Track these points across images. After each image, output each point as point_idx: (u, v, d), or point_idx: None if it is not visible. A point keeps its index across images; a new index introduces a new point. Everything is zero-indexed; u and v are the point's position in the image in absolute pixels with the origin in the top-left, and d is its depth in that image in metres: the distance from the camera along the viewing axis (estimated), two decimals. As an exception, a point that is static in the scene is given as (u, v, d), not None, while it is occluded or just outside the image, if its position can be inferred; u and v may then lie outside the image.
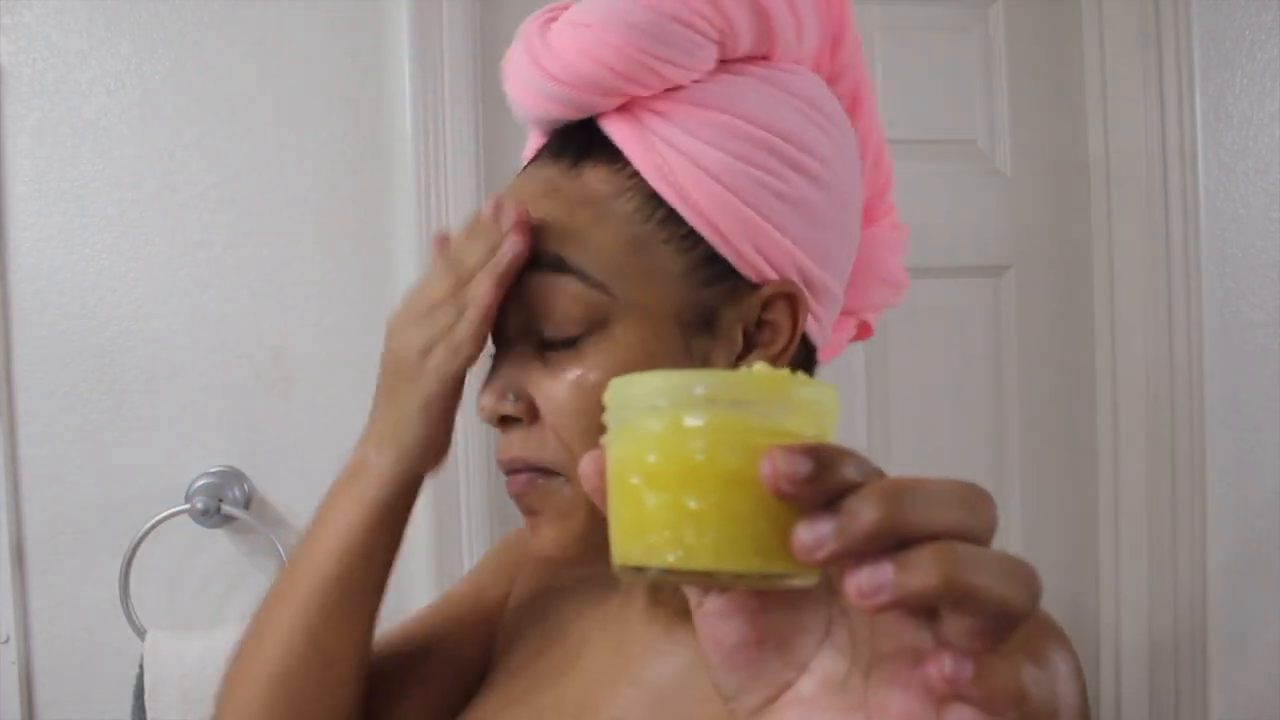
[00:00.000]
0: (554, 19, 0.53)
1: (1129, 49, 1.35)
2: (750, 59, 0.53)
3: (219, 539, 1.16)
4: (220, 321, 1.15)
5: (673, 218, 0.50)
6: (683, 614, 0.55)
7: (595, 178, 0.51)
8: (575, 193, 0.51)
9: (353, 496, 0.58)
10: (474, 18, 1.18)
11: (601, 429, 0.33)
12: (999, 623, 0.27)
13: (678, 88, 0.51)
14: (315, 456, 1.16)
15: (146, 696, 1.06)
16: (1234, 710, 1.34)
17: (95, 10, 1.12)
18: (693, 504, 0.29)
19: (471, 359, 0.53)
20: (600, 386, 0.42)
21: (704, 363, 0.51)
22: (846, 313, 0.60)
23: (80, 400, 1.13)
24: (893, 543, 0.27)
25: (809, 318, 0.53)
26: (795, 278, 0.52)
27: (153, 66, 1.14)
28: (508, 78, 0.55)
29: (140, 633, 1.09)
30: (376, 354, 0.57)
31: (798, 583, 0.30)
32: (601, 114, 0.52)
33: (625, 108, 0.51)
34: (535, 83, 0.52)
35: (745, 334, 0.52)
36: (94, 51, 1.13)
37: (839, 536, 0.27)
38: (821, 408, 0.31)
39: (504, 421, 0.52)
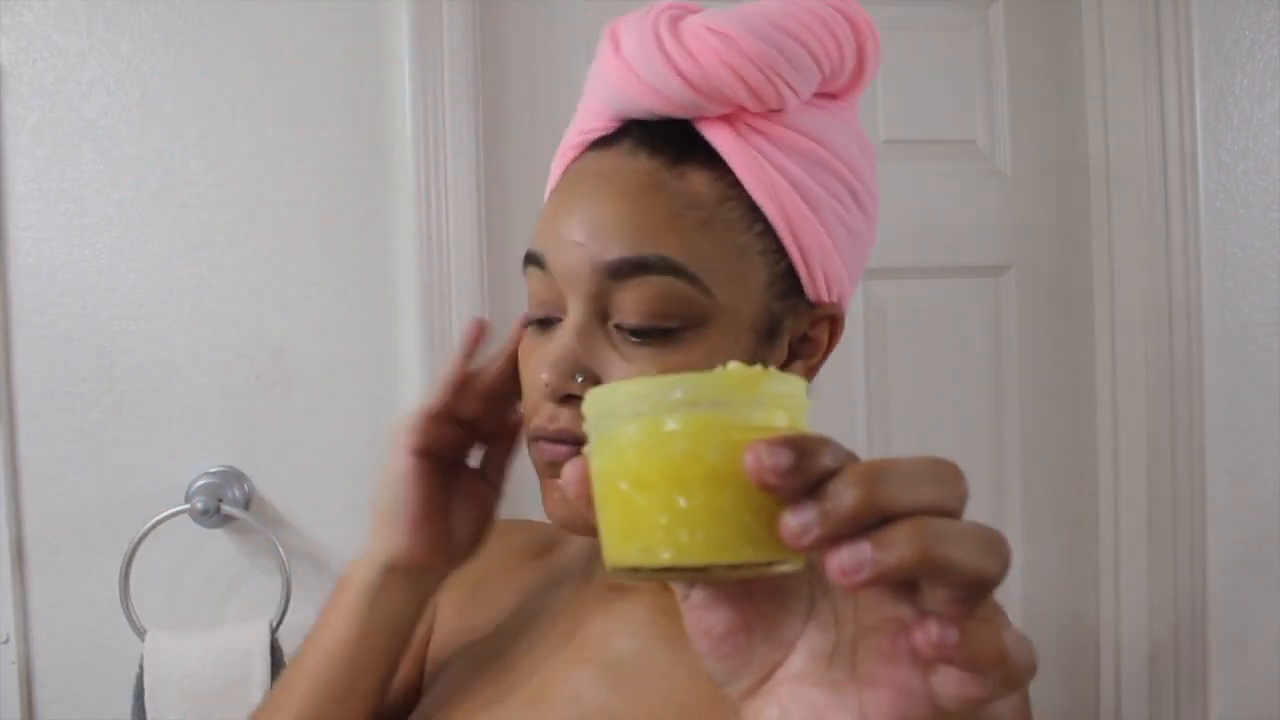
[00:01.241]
0: (679, 18, 0.54)
1: (1129, 49, 1.35)
2: (826, 94, 0.57)
3: (219, 539, 1.16)
4: (220, 321, 1.15)
5: (768, 232, 0.53)
6: (638, 598, 0.59)
7: (699, 180, 0.53)
8: (682, 191, 0.52)
9: (336, 600, 0.60)
10: (474, 18, 1.18)
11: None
12: (973, 590, 0.28)
13: (777, 110, 0.54)
14: (315, 456, 1.16)
15: (146, 696, 1.06)
16: (1234, 710, 1.34)
17: (95, 10, 1.12)
18: (682, 503, 0.30)
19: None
20: None
21: (755, 363, 0.53)
22: None
23: (80, 400, 1.13)
24: (873, 522, 0.28)
25: None
26: (840, 300, 0.57)
27: (153, 66, 1.14)
28: (617, 65, 0.54)
29: (140, 633, 1.09)
30: (377, 354, 0.58)
31: (786, 568, 0.31)
32: (701, 119, 0.54)
33: (727, 118, 0.53)
34: (659, 76, 0.52)
35: (791, 345, 0.56)
36: (94, 51, 1.13)
37: (823, 521, 0.28)
38: (793, 400, 0.32)
39: (567, 399, 0.54)
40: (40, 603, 1.12)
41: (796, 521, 0.29)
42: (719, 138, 0.53)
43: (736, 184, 0.53)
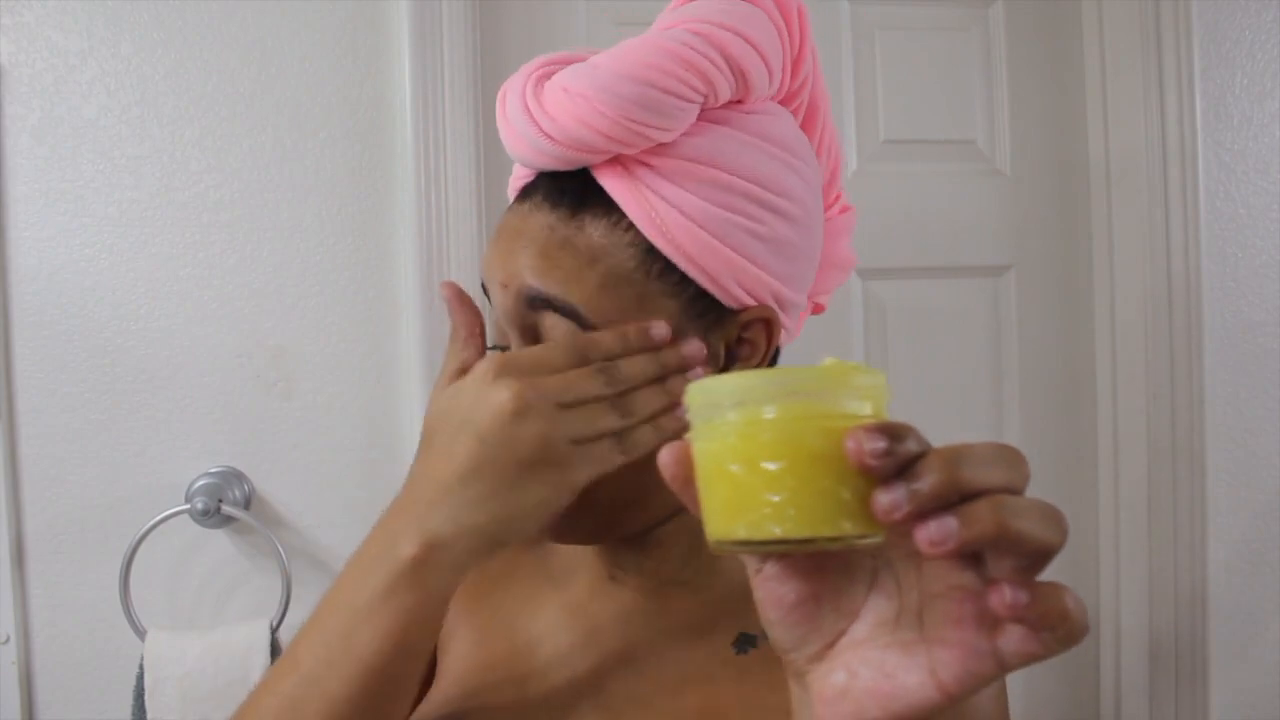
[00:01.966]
0: (546, 75, 0.56)
1: (1129, 49, 1.35)
2: (725, 105, 0.58)
3: (219, 539, 1.16)
4: (220, 321, 1.15)
5: (669, 267, 0.55)
6: (645, 589, 0.61)
7: (596, 230, 0.55)
8: (583, 246, 0.55)
9: (413, 595, 0.50)
10: (474, 18, 1.18)
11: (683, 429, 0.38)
12: (1037, 559, 0.33)
13: (663, 144, 0.55)
14: (315, 456, 1.16)
15: (146, 696, 1.06)
16: (1234, 710, 1.34)
17: (95, 10, 1.12)
18: (789, 482, 0.34)
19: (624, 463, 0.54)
20: None
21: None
22: (807, 300, 0.65)
23: (80, 400, 1.13)
24: (955, 499, 0.32)
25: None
26: (771, 302, 0.58)
27: (153, 66, 1.14)
28: (502, 125, 0.58)
29: (140, 633, 1.09)
30: (377, 354, 0.58)
31: (872, 541, 0.35)
32: (595, 166, 0.56)
33: (616, 160, 0.56)
34: (529, 138, 0.55)
35: (727, 349, 0.58)
36: (94, 51, 1.13)
37: (912, 499, 0.32)
38: (878, 391, 0.36)
39: None
40: (40, 603, 1.12)
41: (889, 498, 0.32)
42: (609, 183, 0.55)
43: (632, 226, 0.55)
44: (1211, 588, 1.33)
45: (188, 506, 1.11)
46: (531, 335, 0.56)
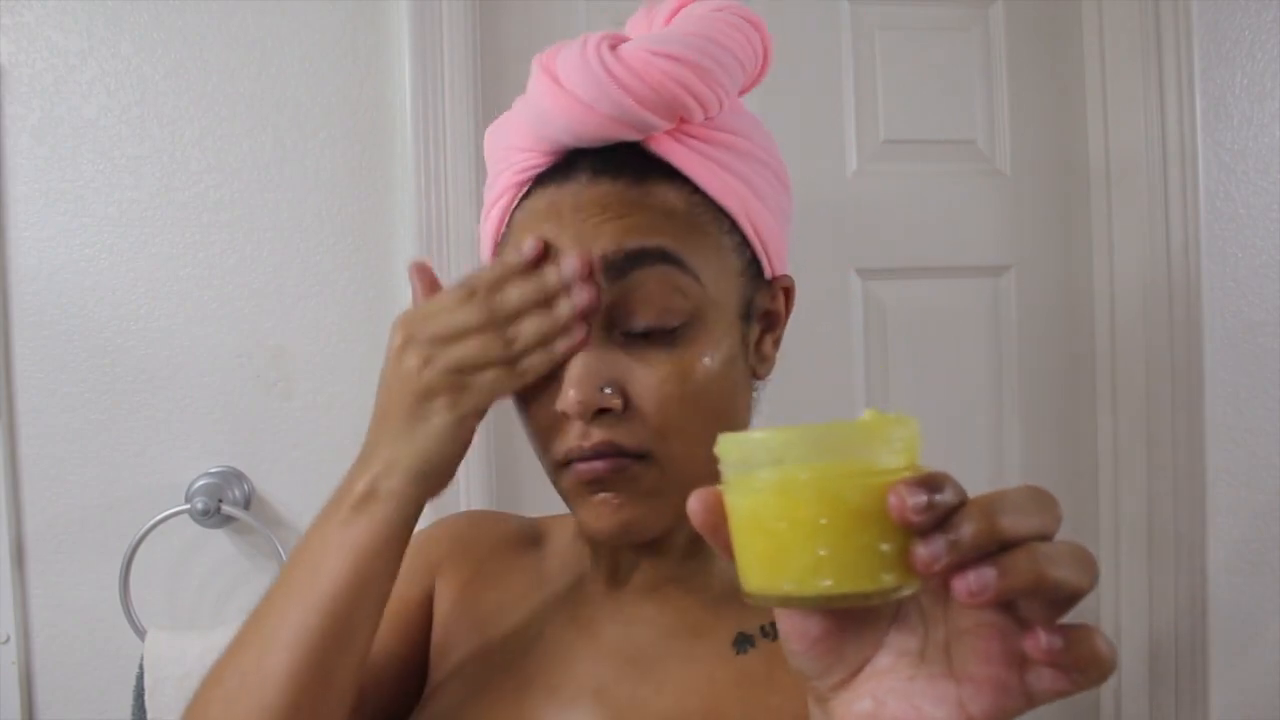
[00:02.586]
0: (615, 45, 0.56)
1: (1129, 49, 1.35)
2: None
3: (219, 539, 1.16)
4: (220, 321, 1.15)
5: (734, 228, 0.58)
6: (643, 590, 0.61)
7: (666, 193, 0.56)
8: (656, 205, 0.55)
9: (363, 524, 0.55)
10: (474, 18, 1.18)
11: (711, 461, 0.39)
12: (1068, 602, 0.34)
13: (711, 117, 0.58)
14: (315, 456, 1.16)
15: (146, 696, 1.06)
16: (1234, 710, 1.34)
17: (95, 10, 1.12)
18: (830, 539, 0.35)
19: (520, 388, 0.56)
20: (698, 374, 0.54)
21: (744, 344, 0.59)
22: None
23: (80, 400, 1.13)
24: (993, 549, 0.33)
25: None
26: (788, 271, 0.62)
27: (153, 66, 1.14)
28: (560, 97, 0.56)
29: (140, 633, 1.09)
30: (377, 354, 0.57)
31: (909, 592, 0.36)
32: (649, 139, 0.57)
33: (672, 134, 0.57)
34: (611, 100, 0.54)
35: (760, 317, 0.61)
36: (94, 51, 1.13)
37: (951, 551, 0.33)
38: (913, 441, 0.37)
39: (597, 413, 0.55)
40: (40, 603, 1.12)
41: (928, 551, 0.33)
42: (672, 153, 0.57)
43: (698, 191, 0.57)
44: (1211, 589, 1.33)
45: (188, 506, 1.11)
46: (604, 314, 0.55)
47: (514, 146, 0.60)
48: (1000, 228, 1.41)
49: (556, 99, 0.56)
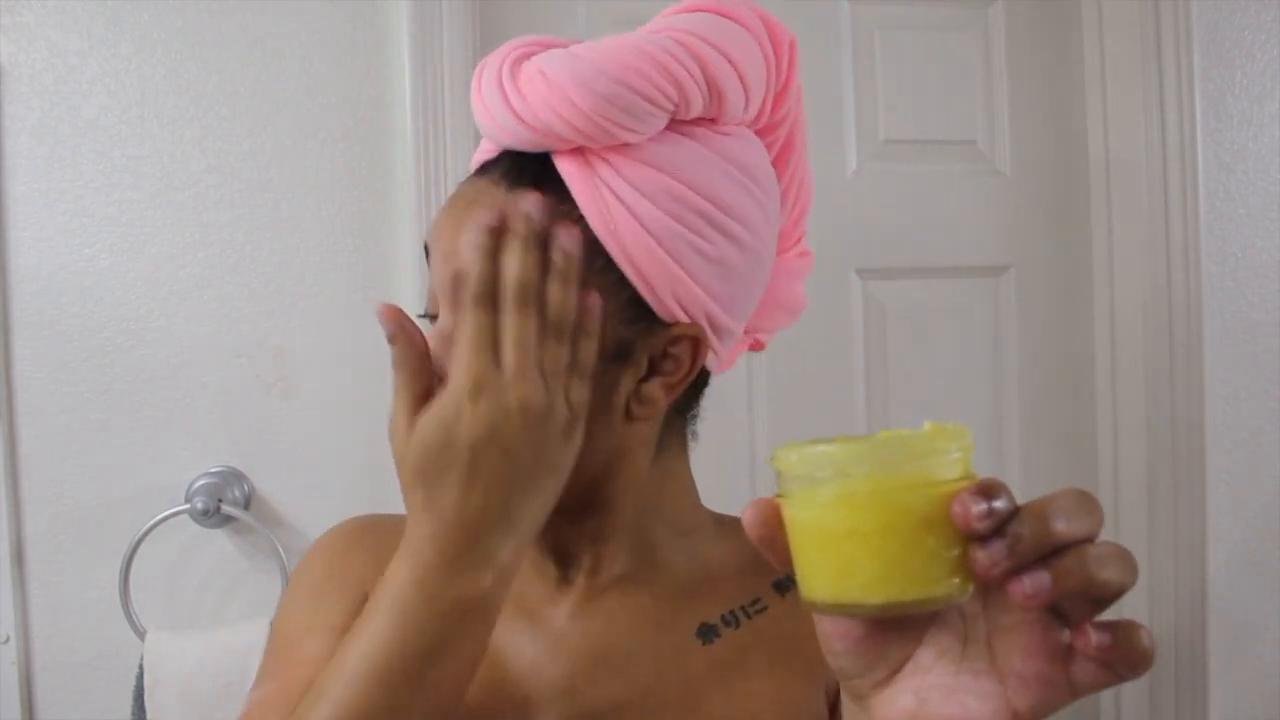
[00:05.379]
0: (525, 56, 0.56)
1: (1129, 49, 1.35)
2: (697, 121, 0.57)
3: (219, 539, 1.16)
4: (220, 321, 1.15)
5: (609, 265, 0.54)
6: (596, 587, 0.60)
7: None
8: (515, 210, 0.53)
9: (488, 614, 0.51)
10: (474, 18, 1.18)
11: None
12: (1112, 600, 0.35)
13: (628, 144, 0.55)
14: (315, 456, 1.16)
15: (146, 696, 1.06)
16: (1234, 710, 1.34)
17: (95, 10, 1.12)
18: (894, 549, 0.36)
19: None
20: None
21: (610, 387, 0.55)
22: (745, 333, 0.64)
23: (80, 400, 1.13)
24: (1047, 553, 0.34)
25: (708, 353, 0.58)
26: (703, 322, 0.57)
27: (153, 66, 1.14)
28: (475, 100, 0.58)
29: (140, 633, 1.09)
30: (377, 354, 0.57)
31: (966, 596, 0.37)
32: (555, 151, 0.56)
33: (579, 150, 0.55)
34: (501, 116, 0.56)
35: (651, 360, 0.57)
36: (94, 51, 1.13)
37: (1010, 555, 0.34)
38: (967, 450, 0.38)
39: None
40: (40, 603, 1.12)
41: (989, 557, 0.34)
42: (568, 171, 0.55)
43: (582, 217, 0.54)
44: (1211, 588, 1.33)
45: (188, 506, 1.11)
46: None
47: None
48: (1000, 228, 1.41)
49: (474, 102, 0.58)
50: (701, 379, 0.61)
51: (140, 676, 1.07)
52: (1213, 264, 1.33)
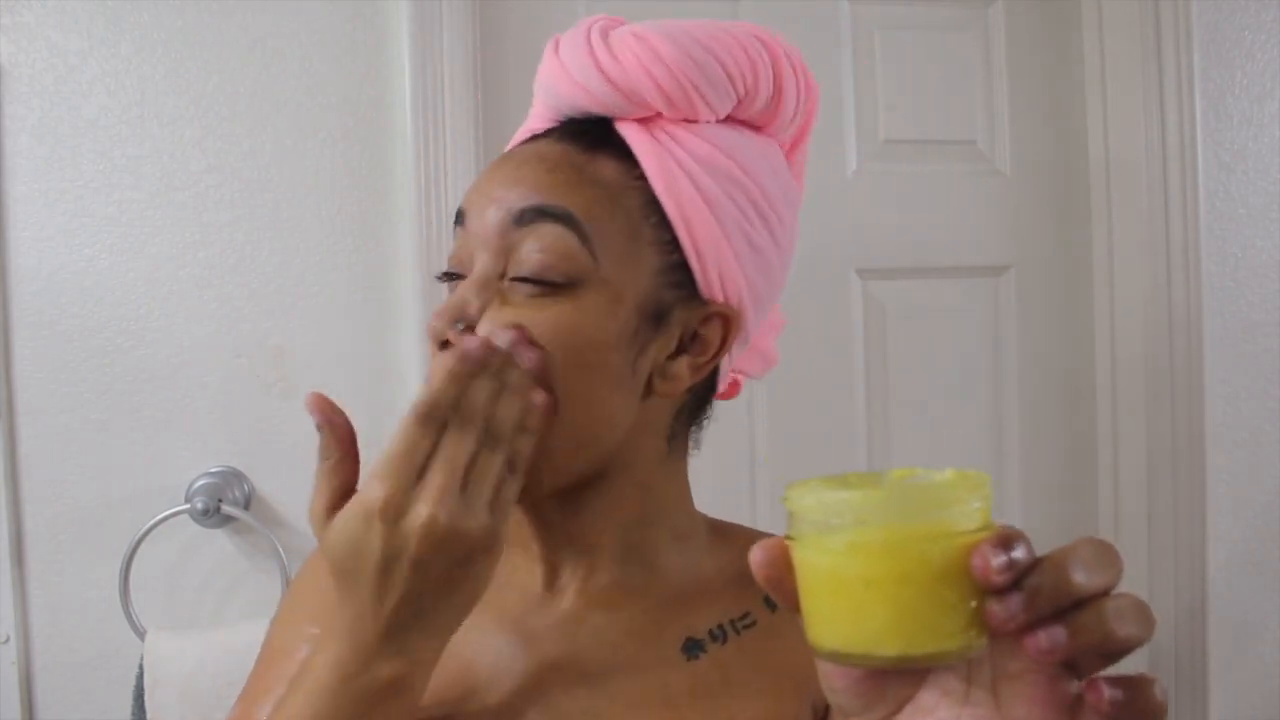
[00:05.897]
0: (613, 27, 0.58)
1: (1129, 49, 1.35)
2: (748, 123, 0.60)
3: (219, 539, 1.16)
4: (220, 321, 1.15)
5: (664, 224, 0.56)
6: (583, 597, 0.59)
7: (607, 167, 0.56)
8: (590, 171, 0.56)
9: (402, 700, 0.50)
10: (474, 18, 1.18)
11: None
12: (1126, 654, 0.35)
13: (692, 121, 0.57)
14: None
15: (146, 696, 1.06)
16: (1234, 710, 1.34)
17: (95, 10, 1.12)
18: (911, 599, 0.35)
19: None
20: (550, 330, 0.52)
21: (639, 350, 0.56)
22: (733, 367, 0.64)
23: (80, 400, 1.13)
24: (1064, 607, 0.34)
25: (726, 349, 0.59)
26: (737, 305, 0.58)
27: (153, 66, 1.14)
28: (554, 64, 0.59)
29: (140, 633, 1.09)
30: (377, 354, 0.56)
31: (979, 649, 0.36)
32: (620, 119, 0.58)
33: (643, 120, 0.57)
34: (585, 76, 0.57)
35: (681, 340, 0.58)
36: (94, 51, 1.13)
37: (1027, 609, 0.34)
38: (987, 498, 0.37)
39: (444, 345, 0.55)
40: (40, 603, 1.12)
41: (1005, 610, 0.34)
42: (632, 135, 0.57)
43: (641, 178, 0.56)
44: (1211, 589, 1.33)
45: (188, 506, 1.11)
46: (505, 256, 0.55)
47: (531, 114, 0.62)
48: (1000, 228, 1.41)
49: (551, 65, 0.59)
50: (709, 386, 0.61)
51: (140, 676, 1.07)
52: (1213, 264, 1.33)
